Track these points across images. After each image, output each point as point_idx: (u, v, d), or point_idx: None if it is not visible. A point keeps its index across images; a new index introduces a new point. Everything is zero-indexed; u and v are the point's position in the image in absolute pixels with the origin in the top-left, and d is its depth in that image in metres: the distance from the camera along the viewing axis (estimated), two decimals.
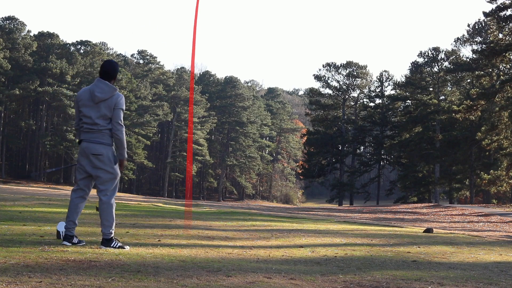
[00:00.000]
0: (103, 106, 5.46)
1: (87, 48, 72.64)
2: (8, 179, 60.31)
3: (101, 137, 5.46)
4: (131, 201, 25.40)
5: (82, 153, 5.52)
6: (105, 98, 5.47)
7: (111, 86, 5.55)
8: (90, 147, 5.45)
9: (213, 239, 7.12)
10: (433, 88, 55.61)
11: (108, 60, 5.94)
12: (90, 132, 5.47)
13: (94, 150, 5.44)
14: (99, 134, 5.46)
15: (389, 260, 5.55)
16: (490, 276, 4.64)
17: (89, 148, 5.45)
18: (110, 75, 5.66)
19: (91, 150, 5.44)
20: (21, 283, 3.34)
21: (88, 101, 5.49)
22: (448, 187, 55.10)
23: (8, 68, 60.46)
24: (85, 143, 5.48)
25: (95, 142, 5.45)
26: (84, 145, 5.48)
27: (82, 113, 5.52)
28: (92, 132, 5.46)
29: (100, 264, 4.26)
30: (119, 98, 5.58)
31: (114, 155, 5.54)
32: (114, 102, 5.51)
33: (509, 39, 33.26)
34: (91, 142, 5.45)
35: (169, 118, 77.38)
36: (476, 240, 9.56)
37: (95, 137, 5.46)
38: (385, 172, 73.22)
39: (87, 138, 5.48)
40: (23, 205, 13.18)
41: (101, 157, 5.44)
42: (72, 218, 5.57)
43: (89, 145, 5.45)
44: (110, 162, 5.48)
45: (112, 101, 5.50)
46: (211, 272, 4.14)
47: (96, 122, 5.45)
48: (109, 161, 5.48)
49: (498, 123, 34.66)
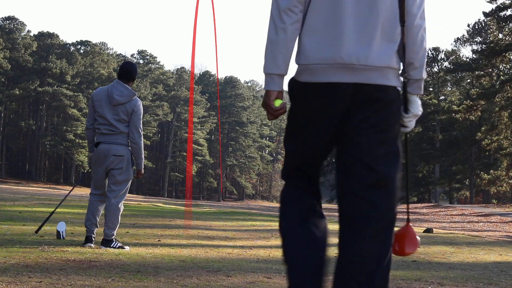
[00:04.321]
0: (120, 109, 5.40)
1: (87, 48, 72.63)
2: (8, 179, 60.32)
3: (121, 139, 5.43)
4: (131, 201, 25.40)
5: (100, 155, 5.44)
6: (123, 102, 5.40)
7: (130, 90, 5.48)
8: (113, 148, 5.40)
9: (213, 239, 7.12)
10: (433, 88, 55.61)
11: (128, 61, 5.85)
12: (110, 134, 5.42)
13: (117, 151, 5.41)
14: (119, 136, 5.43)
15: None
16: (490, 276, 4.64)
17: (111, 150, 5.41)
18: (130, 76, 5.58)
19: (113, 151, 5.41)
20: (21, 283, 3.34)
21: (104, 102, 5.42)
22: (448, 187, 55.10)
23: (8, 68, 60.45)
24: (105, 145, 5.42)
25: (116, 143, 5.42)
26: (104, 147, 5.42)
27: (97, 113, 5.46)
28: (112, 134, 5.42)
29: (100, 264, 4.26)
30: (138, 103, 5.51)
31: (132, 158, 5.53)
32: (132, 107, 5.44)
33: (509, 39, 33.26)
34: (112, 144, 5.41)
35: (169, 118, 77.37)
36: (476, 240, 9.56)
37: (115, 138, 5.42)
38: None
39: (106, 140, 5.43)
40: (23, 205, 13.18)
41: (122, 158, 5.42)
42: (94, 221, 5.55)
43: (111, 146, 5.41)
44: (128, 164, 5.48)
45: (130, 106, 5.44)
46: (211, 272, 4.14)
47: (113, 124, 5.40)
48: (128, 164, 5.48)
49: (498, 123, 34.65)
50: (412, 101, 2.25)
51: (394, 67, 2.14)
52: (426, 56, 2.25)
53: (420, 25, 2.19)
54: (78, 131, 65.55)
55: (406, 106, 2.24)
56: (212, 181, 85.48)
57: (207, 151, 79.45)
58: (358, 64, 2.08)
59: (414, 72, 2.20)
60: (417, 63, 2.20)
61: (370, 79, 2.10)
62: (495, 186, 35.93)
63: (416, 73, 2.20)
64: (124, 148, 5.44)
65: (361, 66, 2.08)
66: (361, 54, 2.07)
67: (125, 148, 5.45)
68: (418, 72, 2.21)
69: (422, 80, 2.24)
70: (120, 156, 5.40)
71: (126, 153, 5.44)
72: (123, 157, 5.41)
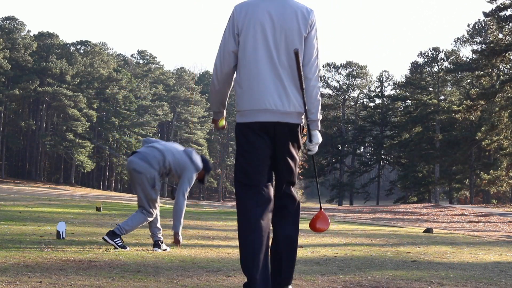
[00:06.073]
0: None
1: (87, 48, 72.61)
2: (8, 179, 60.31)
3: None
4: (131, 201, 25.40)
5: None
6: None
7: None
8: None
9: (213, 239, 7.12)
10: (433, 88, 55.61)
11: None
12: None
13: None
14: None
15: (389, 260, 5.55)
16: (490, 276, 4.64)
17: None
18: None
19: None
20: (21, 283, 3.34)
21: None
22: (448, 187, 55.09)
23: (8, 68, 60.44)
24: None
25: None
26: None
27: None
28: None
29: (100, 264, 4.26)
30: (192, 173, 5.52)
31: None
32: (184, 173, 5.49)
33: (509, 39, 33.27)
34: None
35: (169, 118, 77.37)
36: (476, 240, 9.56)
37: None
38: (385, 172, 73.21)
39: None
40: (23, 205, 13.18)
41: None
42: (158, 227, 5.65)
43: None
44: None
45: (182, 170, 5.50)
46: (211, 272, 4.14)
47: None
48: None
49: (498, 123, 34.65)
50: (313, 134, 3.25)
51: (299, 111, 3.14)
52: (320, 104, 3.24)
53: (314, 85, 3.17)
54: (78, 131, 65.54)
55: (310, 137, 3.25)
56: (212, 181, 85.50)
57: (207, 151, 79.44)
58: (276, 109, 3.09)
59: (312, 116, 3.20)
60: (314, 109, 3.20)
61: (284, 119, 3.11)
62: (495, 186, 35.93)
63: (313, 116, 3.21)
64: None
65: (278, 111, 3.09)
66: (277, 102, 3.08)
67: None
68: (315, 116, 3.21)
69: (318, 120, 3.22)
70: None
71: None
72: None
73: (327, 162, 61.93)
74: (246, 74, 3.10)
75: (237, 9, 3.15)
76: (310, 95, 3.16)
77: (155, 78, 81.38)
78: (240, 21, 3.12)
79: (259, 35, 3.09)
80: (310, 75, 3.15)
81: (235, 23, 3.13)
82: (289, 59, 3.09)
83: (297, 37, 3.11)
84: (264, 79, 3.07)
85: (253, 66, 3.09)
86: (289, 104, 3.09)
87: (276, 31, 3.10)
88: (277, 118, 3.09)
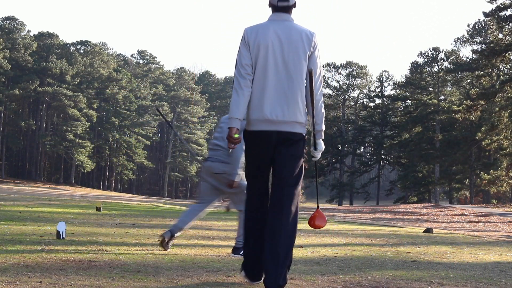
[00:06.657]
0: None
1: (87, 48, 72.60)
2: (8, 179, 60.32)
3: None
4: (131, 201, 25.41)
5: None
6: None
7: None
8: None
9: (213, 239, 7.12)
10: (433, 88, 55.61)
11: None
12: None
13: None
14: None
15: (389, 260, 5.55)
16: (490, 276, 4.64)
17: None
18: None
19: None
20: (21, 283, 3.34)
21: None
22: (448, 187, 55.09)
23: (8, 68, 60.45)
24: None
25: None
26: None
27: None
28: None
29: (100, 264, 4.26)
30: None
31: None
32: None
33: (509, 39, 33.27)
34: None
35: (169, 118, 77.37)
36: (476, 240, 9.56)
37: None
38: (385, 172, 73.21)
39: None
40: (23, 205, 13.18)
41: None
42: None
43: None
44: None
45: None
46: (211, 272, 4.15)
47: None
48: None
49: (498, 123, 34.65)
50: (318, 143, 3.75)
51: (299, 121, 3.59)
52: (324, 116, 3.72)
53: (319, 100, 3.64)
54: (78, 131, 65.54)
55: (315, 145, 3.75)
56: None
57: (207, 151, 79.34)
58: (277, 120, 3.53)
59: (318, 126, 3.69)
60: (319, 121, 3.68)
61: (284, 128, 3.56)
62: (495, 186, 35.92)
63: (318, 127, 3.70)
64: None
65: (278, 121, 3.53)
66: (278, 113, 3.53)
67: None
68: (320, 126, 3.70)
69: (322, 130, 3.71)
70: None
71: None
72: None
73: (327, 162, 61.91)
74: (255, 88, 3.56)
75: (248, 31, 3.61)
76: (316, 108, 3.64)
77: (155, 78, 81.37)
78: (252, 41, 3.57)
79: (269, 53, 3.54)
80: (315, 90, 3.61)
81: (246, 43, 3.60)
82: (295, 75, 3.55)
83: (302, 55, 3.57)
84: (270, 93, 3.53)
85: (262, 81, 3.55)
86: (290, 114, 3.53)
87: (284, 50, 3.56)
88: (277, 127, 3.53)
